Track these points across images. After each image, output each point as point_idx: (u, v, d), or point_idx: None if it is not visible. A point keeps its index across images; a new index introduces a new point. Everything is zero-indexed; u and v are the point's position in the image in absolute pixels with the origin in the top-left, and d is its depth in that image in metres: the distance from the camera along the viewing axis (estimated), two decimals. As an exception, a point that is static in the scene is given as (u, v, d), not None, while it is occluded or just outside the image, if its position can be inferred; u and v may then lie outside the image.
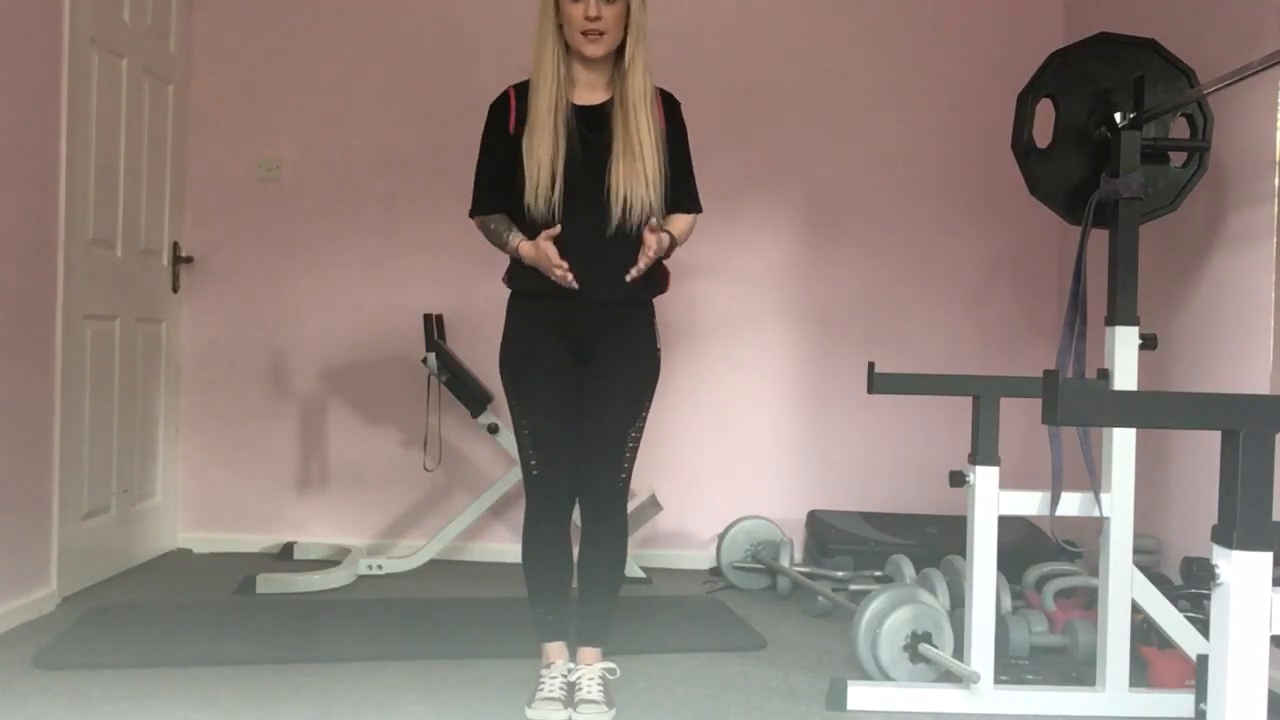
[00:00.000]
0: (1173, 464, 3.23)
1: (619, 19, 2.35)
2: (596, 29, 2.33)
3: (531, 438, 2.41)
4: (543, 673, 2.46)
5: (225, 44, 4.17)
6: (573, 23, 2.35)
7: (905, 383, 2.69)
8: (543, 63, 2.39)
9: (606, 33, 2.34)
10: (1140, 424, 1.41)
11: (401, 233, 4.14)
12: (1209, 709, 1.42)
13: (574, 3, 2.33)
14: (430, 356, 3.68)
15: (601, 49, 2.36)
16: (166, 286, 4.04)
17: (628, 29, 2.37)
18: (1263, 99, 2.83)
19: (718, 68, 4.16)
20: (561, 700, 2.39)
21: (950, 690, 2.55)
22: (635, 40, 2.37)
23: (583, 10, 2.32)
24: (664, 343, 2.53)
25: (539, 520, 2.45)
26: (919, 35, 4.16)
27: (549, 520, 2.44)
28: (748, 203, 4.14)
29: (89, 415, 3.45)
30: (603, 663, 2.47)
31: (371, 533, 4.14)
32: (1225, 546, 1.40)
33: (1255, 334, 2.86)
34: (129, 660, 2.72)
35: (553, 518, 2.44)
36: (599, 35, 2.34)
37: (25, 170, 3.09)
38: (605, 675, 2.45)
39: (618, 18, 2.35)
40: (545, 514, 2.44)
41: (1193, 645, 2.55)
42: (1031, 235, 4.10)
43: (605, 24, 2.33)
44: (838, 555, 3.63)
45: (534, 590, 2.50)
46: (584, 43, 2.35)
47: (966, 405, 2.60)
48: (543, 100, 2.36)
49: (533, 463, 2.42)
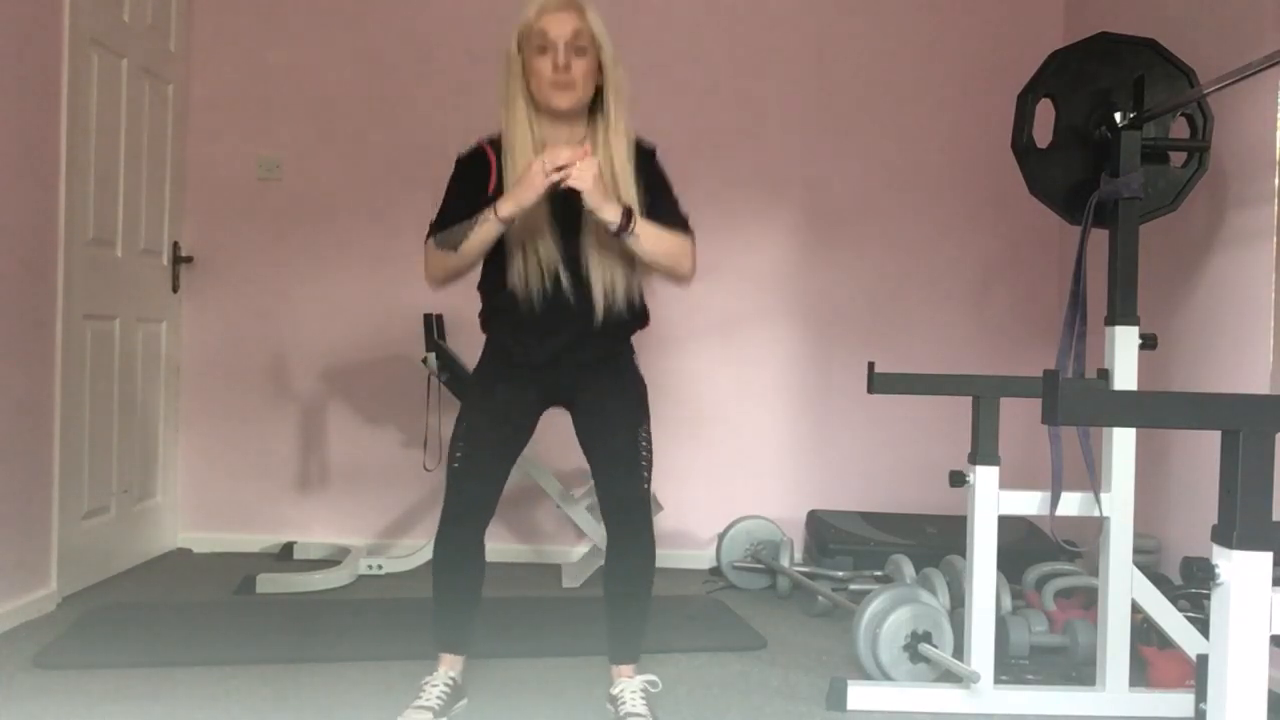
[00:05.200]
0: (1173, 464, 3.23)
1: (590, 73, 2.23)
2: (565, 80, 2.20)
3: (466, 432, 2.32)
4: (424, 680, 2.36)
5: (225, 44, 4.17)
6: (540, 76, 2.21)
7: (905, 383, 2.69)
8: (515, 124, 2.25)
9: (576, 82, 2.21)
10: (1140, 424, 1.41)
11: (401, 232, 4.14)
12: (1209, 709, 1.42)
13: (540, 55, 2.21)
14: (430, 356, 3.68)
15: (571, 99, 2.22)
16: (166, 286, 4.04)
17: (605, 86, 2.25)
18: (1263, 99, 2.83)
19: (718, 67, 4.16)
20: (434, 710, 2.29)
21: (950, 690, 2.55)
22: (616, 98, 2.26)
23: (551, 62, 2.20)
24: (663, 342, 2.53)
25: (454, 523, 2.30)
26: (919, 35, 4.16)
27: (464, 523, 2.30)
28: (748, 203, 4.15)
29: (89, 415, 3.45)
30: (644, 675, 2.40)
31: (371, 533, 4.14)
32: (1225, 546, 1.40)
33: (1255, 334, 2.86)
34: (129, 660, 2.72)
35: (468, 521, 2.30)
36: (568, 86, 2.21)
37: (25, 170, 3.09)
38: (647, 688, 2.38)
39: (588, 71, 2.22)
40: (460, 517, 2.30)
41: (1193, 645, 2.55)
42: (1031, 235, 4.10)
43: (574, 75, 2.20)
44: (838, 555, 3.63)
45: (441, 599, 2.37)
46: (553, 94, 2.21)
47: (966, 405, 2.60)
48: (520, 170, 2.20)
49: (459, 454, 2.30)
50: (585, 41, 2.23)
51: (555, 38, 2.21)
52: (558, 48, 2.20)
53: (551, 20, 2.22)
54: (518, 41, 2.26)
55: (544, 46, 2.21)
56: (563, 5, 2.24)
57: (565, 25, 2.22)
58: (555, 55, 2.20)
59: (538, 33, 2.22)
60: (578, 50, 2.22)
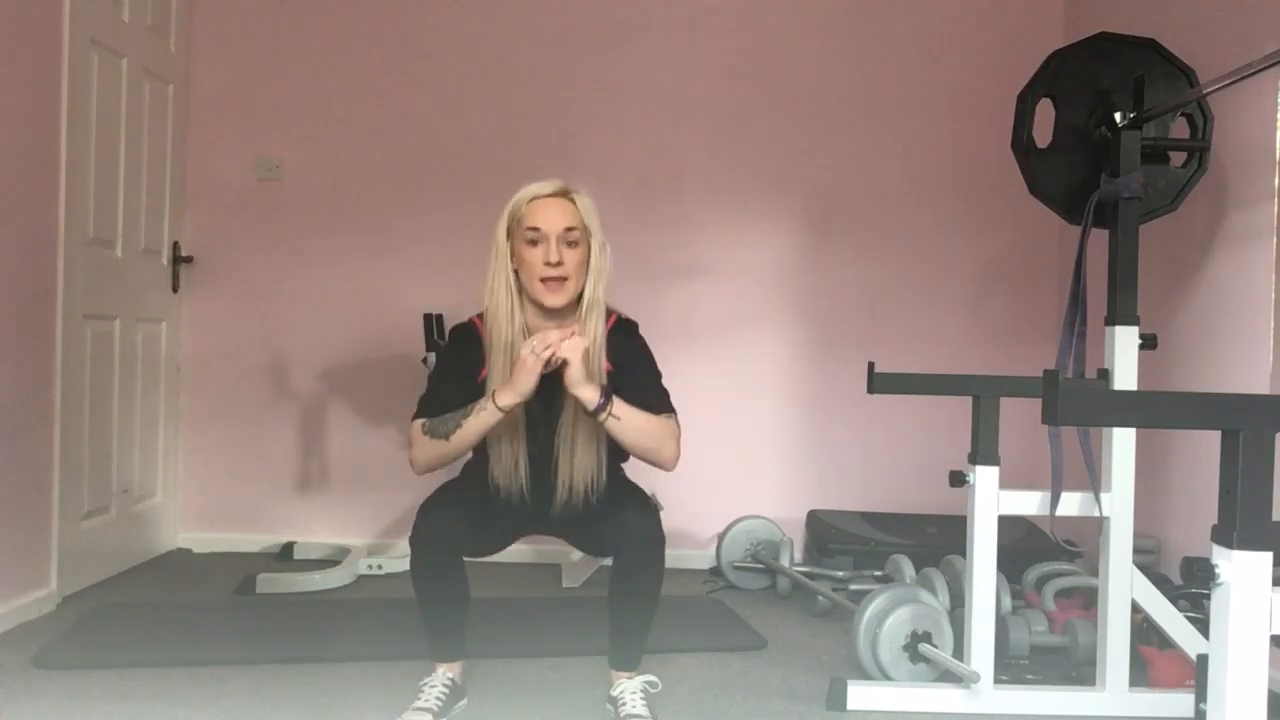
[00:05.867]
0: (1173, 464, 3.23)
1: (581, 264, 2.18)
2: (557, 275, 2.15)
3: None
4: (423, 682, 2.37)
5: (225, 44, 4.17)
6: (530, 268, 2.16)
7: (905, 383, 2.69)
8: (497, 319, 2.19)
9: (569, 279, 2.16)
10: (1140, 424, 1.41)
11: (401, 232, 4.14)
12: (1209, 709, 1.42)
13: (531, 247, 2.15)
14: (430, 356, 3.68)
15: (563, 298, 2.17)
16: (166, 286, 4.04)
17: (589, 271, 2.20)
18: (1263, 99, 2.83)
19: (718, 66, 4.16)
20: (434, 711, 2.30)
21: (950, 690, 2.55)
22: (595, 284, 2.20)
23: (543, 255, 2.14)
24: (664, 342, 2.51)
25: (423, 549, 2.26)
26: (919, 35, 4.16)
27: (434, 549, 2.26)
28: (747, 202, 4.15)
29: (89, 415, 3.45)
30: (644, 676, 2.40)
31: (371, 533, 4.14)
32: (1225, 546, 1.40)
33: (1255, 334, 2.86)
34: (129, 660, 2.72)
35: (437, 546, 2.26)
36: (560, 282, 2.16)
37: (25, 170, 3.09)
38: (647, 688, 2.39)
39: (580, 263, 2.17)
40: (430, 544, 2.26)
41: (1193, 645, 2.54)
42: (1031, 235, 4.10)
43: (567, 269, 2.15)
44: (838, 555, 3.63)
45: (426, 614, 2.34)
46: (544, 292, 2.16)
47: (966, 405, 2.60)
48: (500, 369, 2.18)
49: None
50: (577, 234, 2.18)
51: (547, 230, 2.16)
52: (549, 241, 2.15)
53: (544, 212, 2.18)
54: (507, 227, 2.21)
55: (535, 240, 2.17)
56: (555, 193, 2.20)
57: (558, 218, 2.18)
58: (547, 249, 2.15)
59: (529, 224, 2.17)
60: (569, 243, 2.17)
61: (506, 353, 2.18)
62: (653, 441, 2.22)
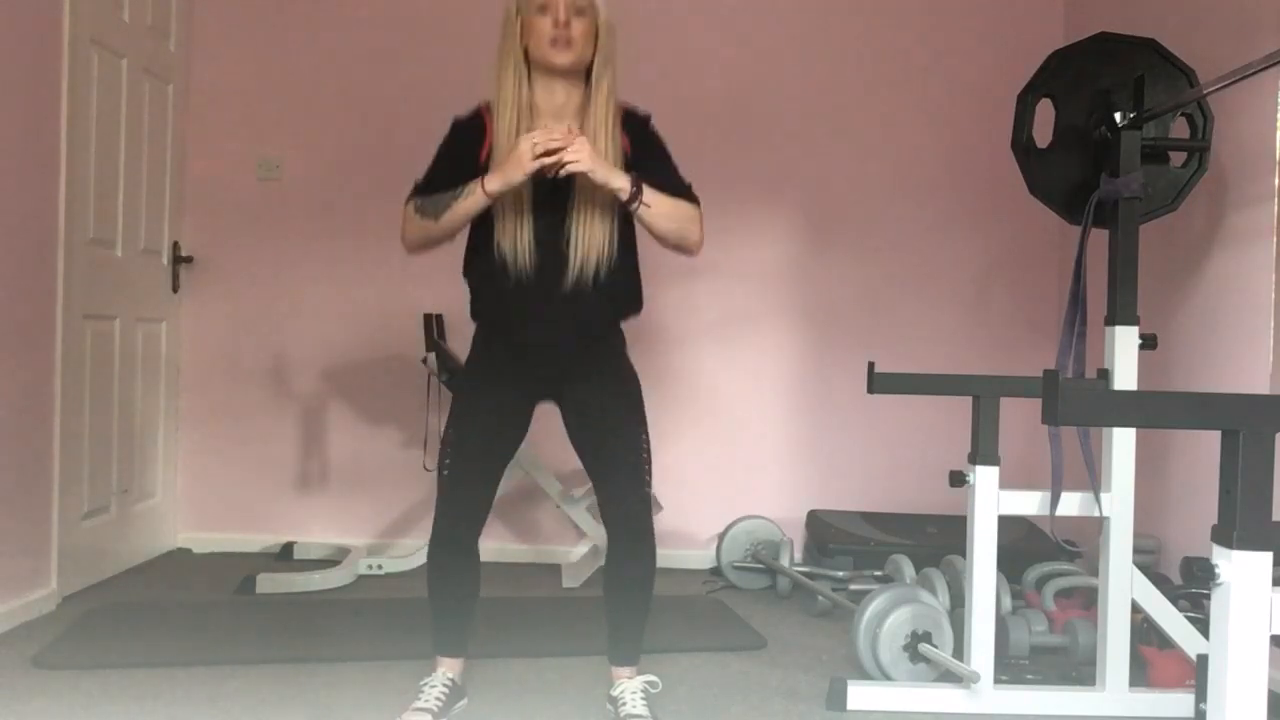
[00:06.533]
0: (1173, 464, 3.23)
1: (588, 34, 2.23)
2: (565, 36, 2.21)
3: (454, 440, 2.32)
4: (423, 682, 2.37)
5: (225, 44, 4.17)
6: (539, 34, 2.22)
7: (905, 383, 2.69)
8: (505, 85, 2.26)
9: (575, 41, 2.22)
10: (1140, 424, 1.41)
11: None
12: (1209, 709, 1.42)
13: (540, 15, 2.22)
14: (430, 356, 3.68)
15: (570, 56, 2.22)
16: (166, 286, 4.04)
17: (596, 52, 2.25)
18: (1263, 99, 2.83)
19: (718, 67, 4.16)
20: (433, 712, 2.30)
21: (950, 690, 2.55)
22: (603, 64, 2.25)
23: (551, 20, 2.21)
24: (663, 341, 2.52)
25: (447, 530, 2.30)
26: (919, 35, 4.16)
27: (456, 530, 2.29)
28: (747, 202, 4.15)
29: (89, 415, 3.45)
30: (644, 676, 2.40)
31: (371, 533, 4.14)
32: (1225, 546, 1.40)
33: (1255, 334, 2.86)
34: (129, 660, 2.72)
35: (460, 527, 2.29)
36: (568, 43, 2.21)
37: (25, 170, 3.09)
38: (648, 688, 2.39)
39: (587, 33, 2.23)
40: (452, 524, 2.29)
41: (1193, 645, 2.55)
42: (1031, 235, 4.10)
43: (574, 33, 2.21)
44: (838, 555, 3.63)
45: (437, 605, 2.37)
46: (552, 52, 2.21)
47: (966, 405, 2.60)
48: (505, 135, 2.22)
49: (447, 462, 2.30)
50: (584, 3, 2.25)
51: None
52: (558, 6, 2.22)
53: None
54: (517, 3, 2.28)
55: (544, 6, 2.23)
56: None
57: None
58: (555, 13, 2.21)
59: None
60: (577, 10, 2.23)
61: (510, 135, 2.22)
62: (680, 227, 2.31)
